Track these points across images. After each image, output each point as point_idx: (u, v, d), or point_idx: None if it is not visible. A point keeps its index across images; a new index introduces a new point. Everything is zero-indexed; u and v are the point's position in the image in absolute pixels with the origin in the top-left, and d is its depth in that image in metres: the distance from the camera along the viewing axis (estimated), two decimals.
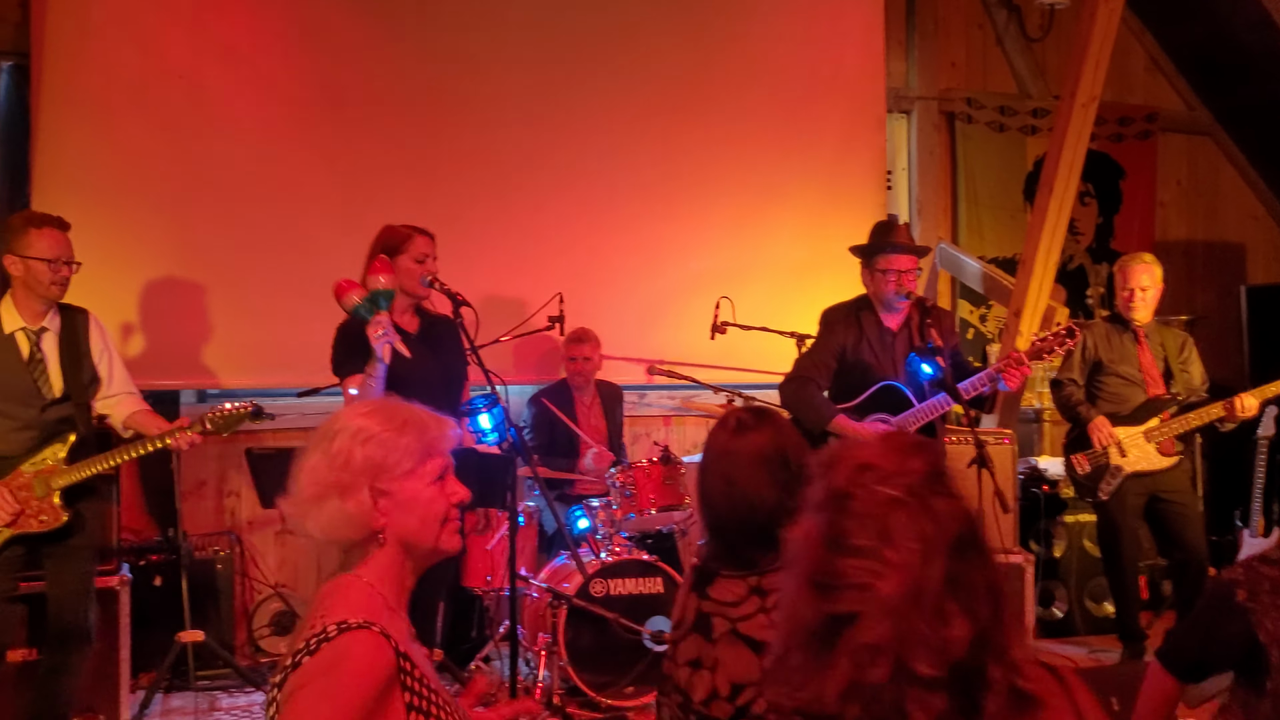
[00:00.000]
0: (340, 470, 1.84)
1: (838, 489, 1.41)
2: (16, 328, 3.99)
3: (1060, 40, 7.48)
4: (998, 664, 1.34)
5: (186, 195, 5.71)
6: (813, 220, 6.76)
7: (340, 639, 1.73)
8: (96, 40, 5.55)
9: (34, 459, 3.94)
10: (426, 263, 4.06)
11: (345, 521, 1.86)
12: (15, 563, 3.96)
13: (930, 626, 1.31)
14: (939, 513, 1.36)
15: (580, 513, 5.34)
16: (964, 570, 1.35)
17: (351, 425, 1.87)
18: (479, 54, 6.21)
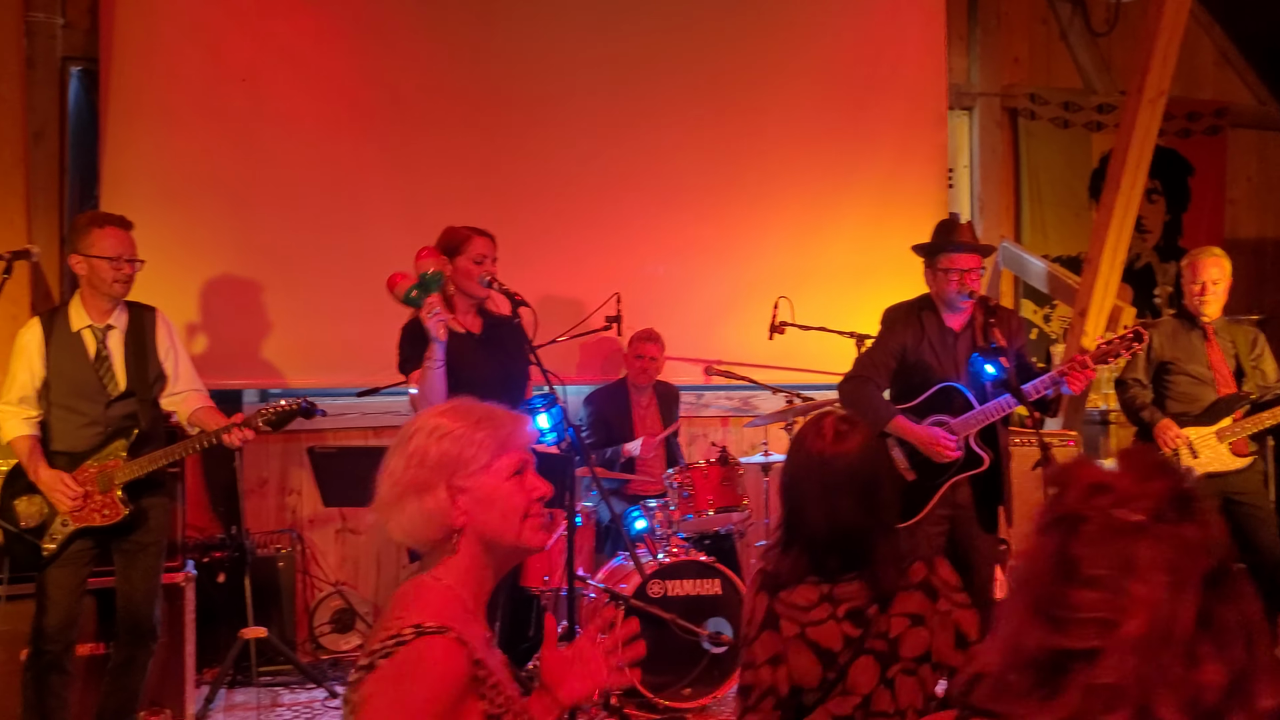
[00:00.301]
0: (416, 468, 1.83)
1: (1069, 511, 1.29)
2: (83, 325, 4.07)
3: (1126, 34, 7.34)
4: (1244, 715, 1.20)
5: (250, 196, 5.78)
6: (872, 219, 6.70)
7: (415, 643, 1.70)
8: (162, 45, 5.64)
9: (99, 454, 4.02)
10: (485, 263, 4.07)
11: (425, 521, 1.84)
12: (84, 557, 4.04)
13: (1181, 670, 1.19)
14: (1188, 541, 1.23)
15: (638, 513, 5.33)
16: (1218, 607, 1.22)
17: (428, 424, 1.86)
18: (538, 54, 6.22)
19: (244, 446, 4.09)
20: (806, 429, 2.59)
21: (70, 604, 4.02)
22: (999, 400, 4.37)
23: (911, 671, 2.43)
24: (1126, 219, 6.00)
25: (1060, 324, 7.20)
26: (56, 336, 4.03)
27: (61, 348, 4.03)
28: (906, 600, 2.46)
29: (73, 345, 4.04)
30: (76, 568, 4.03)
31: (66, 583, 4.01)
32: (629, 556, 5.03)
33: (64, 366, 4.02)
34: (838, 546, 2.50)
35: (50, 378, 4.02)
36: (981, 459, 4.34)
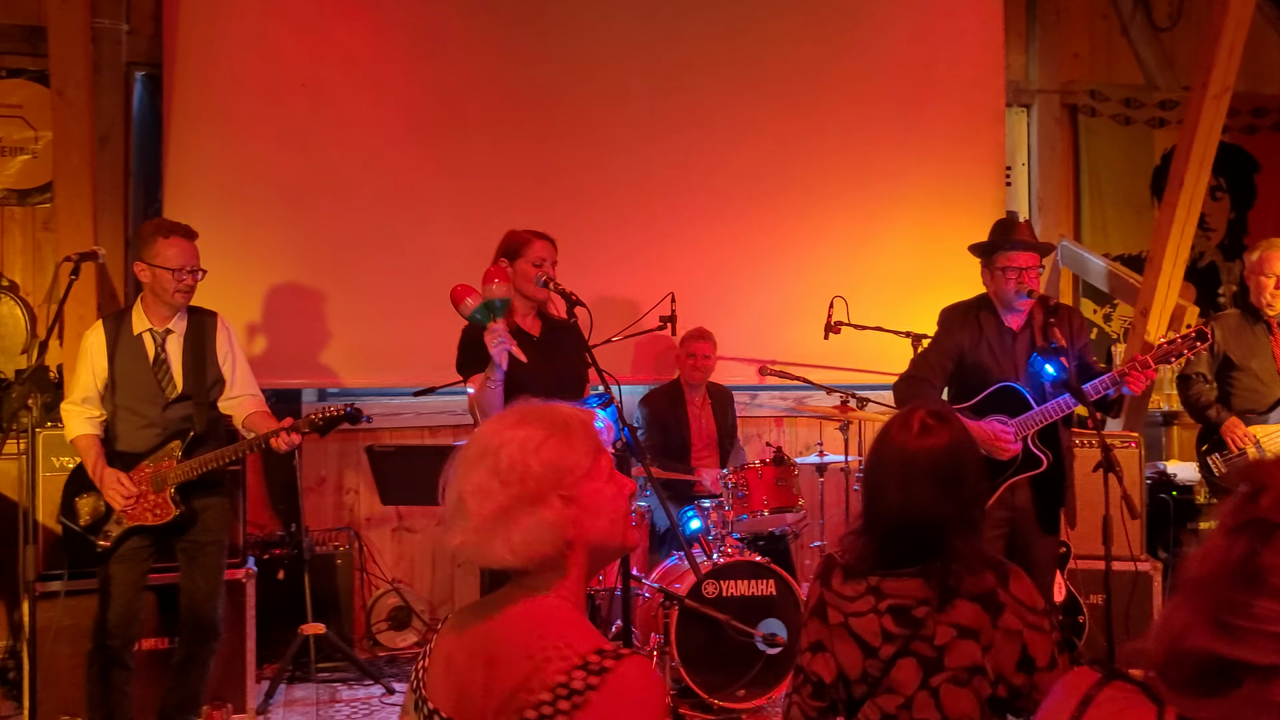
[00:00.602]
0: (520, 483, 1.67)
1: (1264, 516, 1.23)
2: (144, 329, 4.17)
3: (1189, 29, 7.22)
4: None
5: (309, 199, 5.86)
6: (929, 218, 6.64)
7: (620, 668, 1.57)
8: (224, 51, 5.74)
9: (154, 455, 4.12)
10: (544, 266, 4.08)
11: (542, 534, 1.67)
12: (142, 554, 4.12)
13: None
14: None
15: (692, 513, 5.33)
16: None
17: (515, 435, 1.70)
18: (592, 58, 6.25)
19: (295, 448, 4.12)
20: (894, 420, 2.58)
21: (130, 599, 4.10)
22: (1058, 400, 4.32)
23: (963, 682, 2.38)
24: (1190, 216, 5.89)
25: (1121, 323, 7.10)
26: (119, 339, 4.13)
27: (123, 350, 4.13)
28: (961, 610, 2.40)
29: (133, 348, 4.14)
30: (135, 564, 4.11)
31: (125, 579, 4.09)
32: (683, 556, 5.03)
33: (125, 368, 4.12)
34: (909, 535, 2.45)
35: (112, 379, 4.11)
36: (1040, 460, 4.29)
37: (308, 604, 5.27)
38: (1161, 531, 5.76)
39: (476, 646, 1.68)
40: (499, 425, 1.74)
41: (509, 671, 1.61)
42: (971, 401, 4.46)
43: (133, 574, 4.11)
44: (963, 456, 2.49)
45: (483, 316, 3.81)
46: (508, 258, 4.09)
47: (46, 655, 4.30)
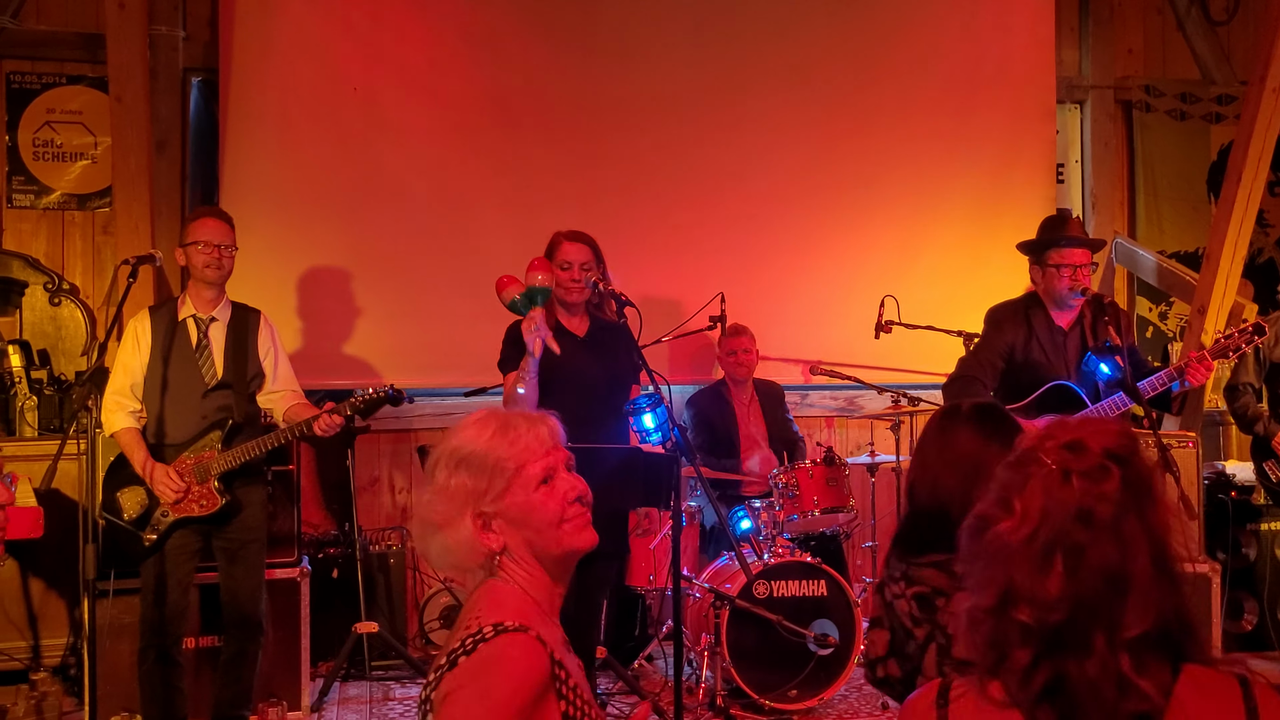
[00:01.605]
0: (439, 502, 1.82)
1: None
2: (188, 315, 4.23)
3: (1247, 23, 7.10)
4: (1104, 637, 1.42)
5: (360, 201, 5.92)
6: (979, 216, 6.59)
7: (496, 640, 1.70)
8: (278, 57, 5.82)
9: (195, 446, 4.15)
10: (572, 269, 4.08)
11: (459, 551, 1.82)
12: (187, 551, 4.17)
13: (1031, 576, 1.43)
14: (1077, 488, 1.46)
15: (742, 513, 5.32)
16: (1086, 541, 1.43)
17: (447, 449, 1.84)
18: (642, 59, 6.26)
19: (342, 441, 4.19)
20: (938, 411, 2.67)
21: (176, 598, 4.14)
22: (1113, 399, 4.27)
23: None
24: (1248, 213, 5.79)
25: (1177, 321, 6.99)
26: (163, 326, 4.18)
27: (165, 335, 4.18)
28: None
29: (176, 333, 4.20)
30: (180, 562, 4.14)
31: (171, 577, 4.12)
32: (733, 557, 5.03)
33: (166, 353, 4.16)
34: (926, 522, 2.48)
35: (153, 368, 4.15)
36: None
37: (361, 603, 5.33)
38: (1220, 532, 5.65)
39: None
40: (454, 429, 1.88)
41: (453, 635, 1.77)
42: (1024, 401, 4.43)
43: (179, 571, 4.15)
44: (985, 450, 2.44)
45: (523, 304, 3.84)
46: (549, 258, 4.13)
47: (107, 653, 4.38)
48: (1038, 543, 1.44)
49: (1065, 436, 1.50)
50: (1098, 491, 1.45)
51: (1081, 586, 1.43)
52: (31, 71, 5.79)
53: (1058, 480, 1.46)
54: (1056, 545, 1.43)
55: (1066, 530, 1.44)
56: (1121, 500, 1.46)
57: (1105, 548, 1.44)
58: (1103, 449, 1.48)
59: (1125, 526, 1.45)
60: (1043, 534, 1.44)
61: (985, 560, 1.49)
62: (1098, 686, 1.42)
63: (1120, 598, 1.43)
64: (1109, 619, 1.43)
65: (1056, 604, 1.42)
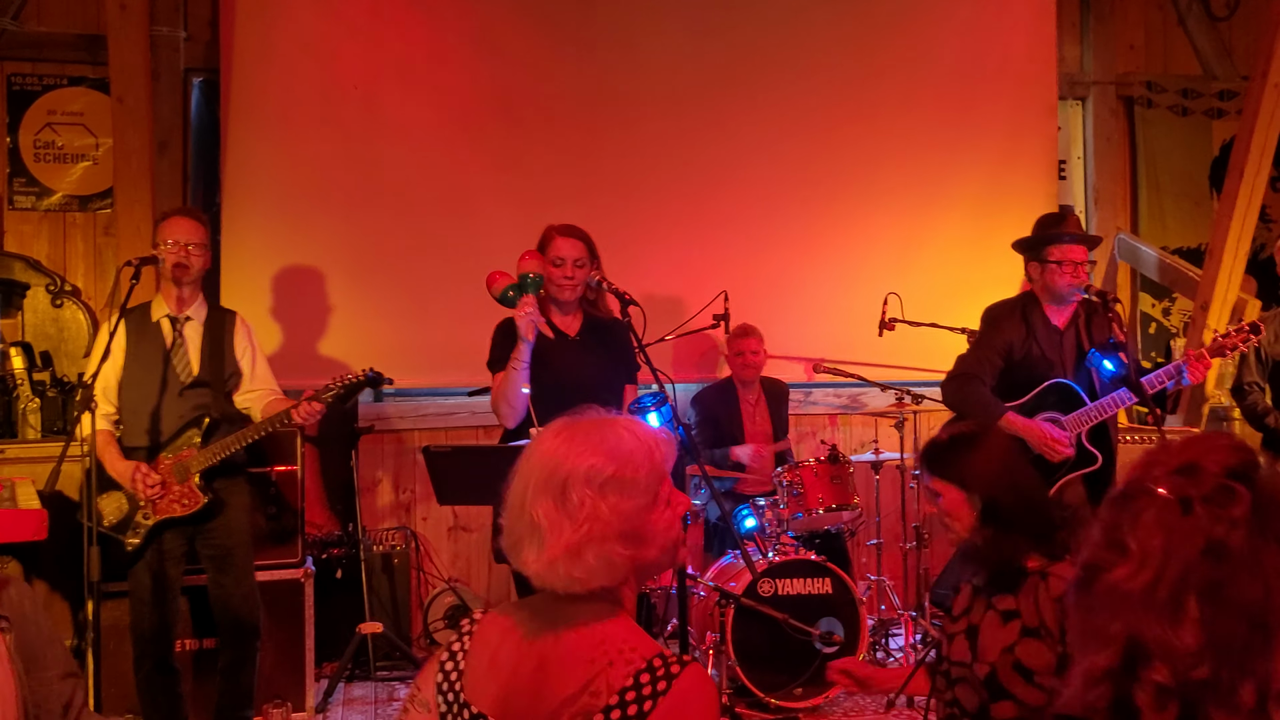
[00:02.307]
0: (589, 524, 1.70)
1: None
2: (162, 315, 4.20)
3: (1248, 18, 7.09)
4: (1253, 685, 1.23)
5: (362, 200, 5.92)
6: (981, 213, 6.58)
7: (686, 674, 1.64)
8: (279, 56, 5.82)
9: (173, 445, 4.11)
10: (564, 266, 3.95)
11: (605, 570, 1.72)
12: (173, 555, 4.13)
13: (1161, 626, 1.25)
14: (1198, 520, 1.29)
15: (747, 511, 5.32)
16: (1222, 581, 1.24)
17: (581, 468, 1.72)
18: (643, 56, 6.25)
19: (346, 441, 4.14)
20: None
21: (167, 605, 4.11)
22: (1114, 395, 4.27)
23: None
24: (1250, 208, 5.80)
25: (1180, 317, 6.99)
26: (137, 327, 4.15)
27: (140, 336, 4.15)
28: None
29: (150, 333, 4.17)
30: (167, 567, 4.11)
31: (159, 583, 4.08)
32: (738, 555, 5.02)
33: (141, 354, 4.13)
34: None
35: (128, 369, 4.12)
36: (1095, 457, 4.25)
37: (365, 603, 5.33)
38: None
39: (526, 649, 1.73)
40: (570, 446, 1.75)
41: (566, 675, 1.66)
42: (1023, 399, 4.42)
43: (168, 577, 4.11)
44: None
45: (515, 295, 3.76)
46: (541, 253, 4.02)
47: (111, 654, 4.38)
48: (1164, 587, 1.25)
49: (1175, 461, 1.32)
50: (1227, 518, 1.26)
51: (1223, 632, 1.23)
52: (32, 73, 5.78)
53: (1177, 511, 1.27)
54: (1188, 588, 1.24)
55: (1196, 568, 1.25)
56: (1254, 525, 1.26)
57: (1244, 583, 1.24)
58: (1223, 468, 1.29)
59: (1265, 556, 1.26)
60: (1169, 576, 1.25)
61: (1101, 614, 1.29)
62: None
63: (1266, 641, 1.23)
64: (1256, 668, 1.23)
65: (1197, 657, 1.23)
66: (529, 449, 1.80)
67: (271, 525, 4.86)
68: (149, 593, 4.09)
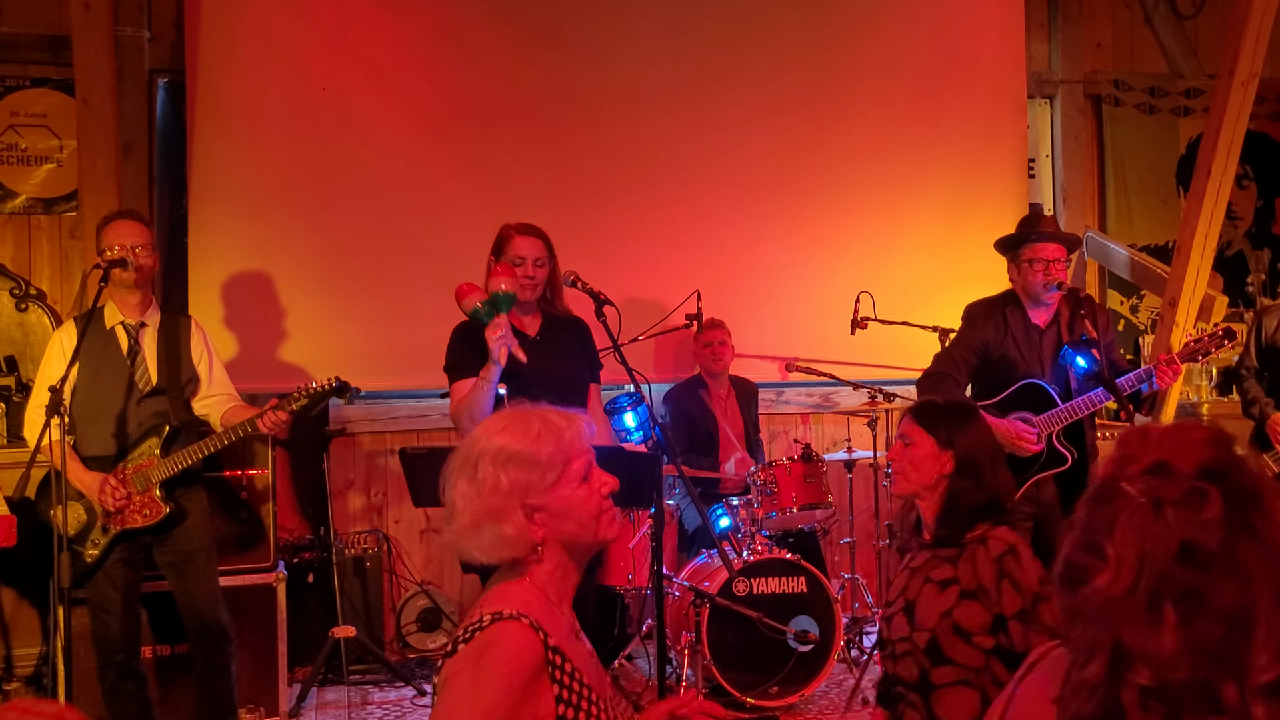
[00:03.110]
0: (490, 496, 1.90)
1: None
2: (116, 322, 4.10)
3: (1214, 16, 7.16)
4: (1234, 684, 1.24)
5: (332, 202, 5.87)
6: (952, 211, 6.61)
7: (492, 628, 1.81)
8: (246, 57, 5.76)
9: (133, 455, 4.03)
10: (525, 265, 3.87)
11: (505, 544, 1.91)
12: (135, 564, 4.07)
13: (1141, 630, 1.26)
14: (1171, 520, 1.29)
15: (721, 511, 5.32)
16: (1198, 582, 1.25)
17: (490, 447, 1.92)
18: (614, 56, 6.24)
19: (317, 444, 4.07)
20: None
21: (128, 613, 4.03)
22: (1088, 395, 4.29)
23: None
24: (1218, 205, 5.83)
25: (1148, 314, 7.05)
26: (90, 335, 3.99)
27: (94, 345, 4.02)
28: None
29: (106, 341, 4.06)
30: (125, 575, 4.04)
31: (119, 592, 4.02)
32: (711, 554, 5.02)
33: (97, 363, 4.02)
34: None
35: (83, 377, 3.99)
36: (1064, 458, 4.26)
37: (338, 607, 5.29)
38: None
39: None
40: (484, 431, 1.96)
41: (460, 628, 1.89)
42: (996, 399, 4.44)
43: (127, 585, 4.04)
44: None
45: (487, 314, 3.66)
46: (494, 255, 3.93)
47: (80, 660, 4.31)
48: (1141, 593, 1.25)
49: (1148, 457, 1.32)
50: (1198, 521, 1.26)
51: (1200, 635, 1.23)
52: None
53: (1149, 515, 1.27)
54: (1164, 594, 1.24)
55: (1171, 573, 1.25)
56: (1228, 524, 1.26)
57: (1222, 585, 1.24)
58: (1195, 467, 1.29)
59: (1240, 554, 1.25)
60: (1145, 583, 1.25)
61: (1086, 620, 1.31)
62: None
63: (1246, 639, 1.23)
64: (1237, 665, 1.23)
65: (1176, 660, 1.24)
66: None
67: (243, 529, 4.81)
68: (110, 602, 4.01)
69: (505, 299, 3.67)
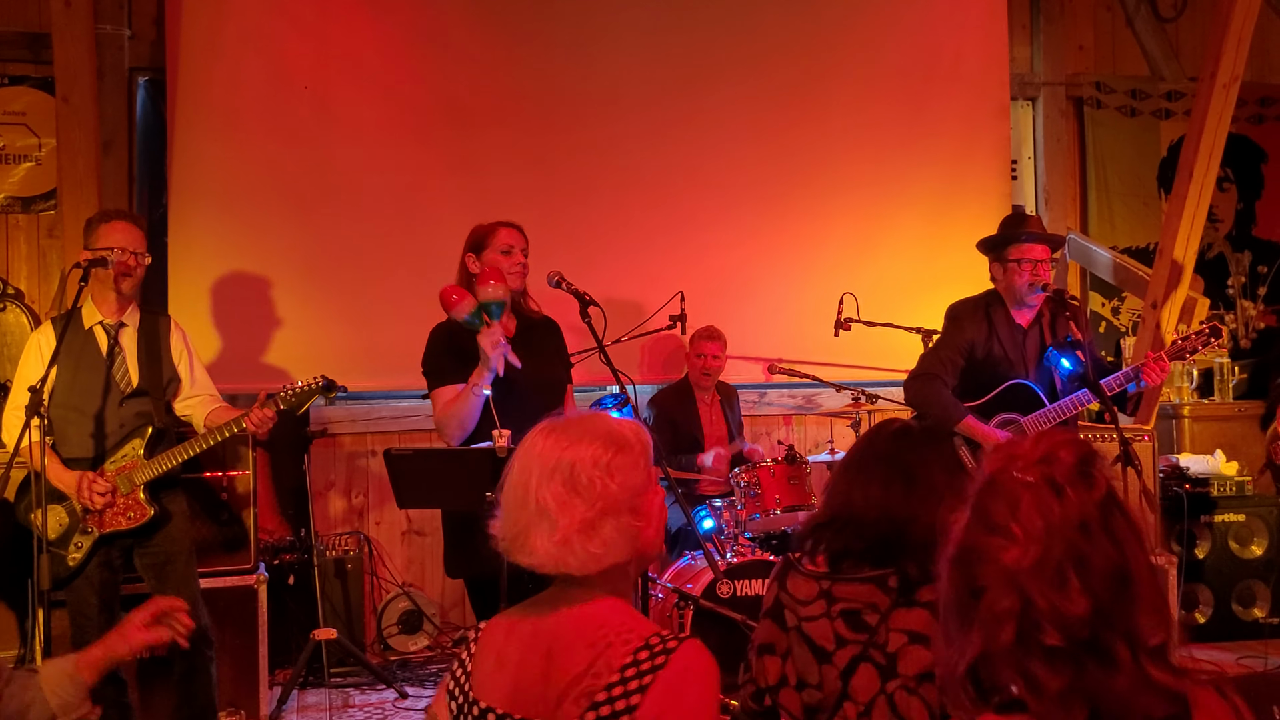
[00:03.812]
0: (602, 499, 1.76)
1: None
2: (95, 322, 4.03)
3: (1195, 19, 7.20)
4: (1125, 645, 1.41)
5: (312, 201, 5.84)
6: (935, 212, 6.62)
7: (682, 651, 1.70)
8: (226, 54, 5.72)
9: (115, 456, 3.97)
10: (513, 254, 3.78)
11: (619, 544, 1.78)
12: (114, 567, 4.02)
13: (1052, 597, 1.41)
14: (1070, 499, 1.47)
15: (705, 513, 5.31)
16: (1090, 551, 1.43)
17: (584, 455, 1.78)
18: (597, 56, 6.22)
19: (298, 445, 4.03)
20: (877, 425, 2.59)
21: (106, 616, 3.96)
22: (1074, 396, 4.29)
23: (912, 690, 2.30)
24: (1200, 207, 5.87)
25: (1130, 316, 7.08)
26: (68, 336, 3.94)
27: (73, 345, 3.96)
28: (908, 616, 2.32)
29: (85, 342, 4.00)
30: (107, 579, 3.99)
31: (100, 596, 3.96)
32: (695, 556, 5.01)
33: (76, 364, 3.96)
34: (869, 534, 2.39)
35: (62, 378, 3.92)
36: None
37: (319, 609, 5.25)
38: (1175, 525, 5.72)
39: (531, 642, 1.78)
40: (559, 441, 1.81)
41: (570, 659, 1.72)
42: (983, 399, 4.44)
43: (107, 590, 3.99)
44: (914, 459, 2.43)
45: (476, 320, 3.57)
46: (474, 252, 3.79)
47: None
48: (1051, 562, 1.43)
49: (1035, 454, 1.51)
50: (1090, 499, 1.46)
51: (1097, 596, 1.42)
52: None
53: (1051, 495, 1.46)
54: (1067, 562, 1.42)
55: (1074, 543, 1.43)
56: (1106, 503, 1.47)
57: (1106, 550, 1.44)
58: (1076, 457, 1.50)
59: (1115, 527, 1.46)
60: (1054, 553, 1.43)
61: (992, 593, 1.45)
62: (1128, 701, 1.40)
63: (1131, 598, 1.43)
64: (1127, 626, 1.42)
65: (1082, 620, 1.41)
66: (519, 451, 1.85)
67: (223, 531, 4.77)
68: (89, 606, 3.95)
69: (496, 306, 3.60)
